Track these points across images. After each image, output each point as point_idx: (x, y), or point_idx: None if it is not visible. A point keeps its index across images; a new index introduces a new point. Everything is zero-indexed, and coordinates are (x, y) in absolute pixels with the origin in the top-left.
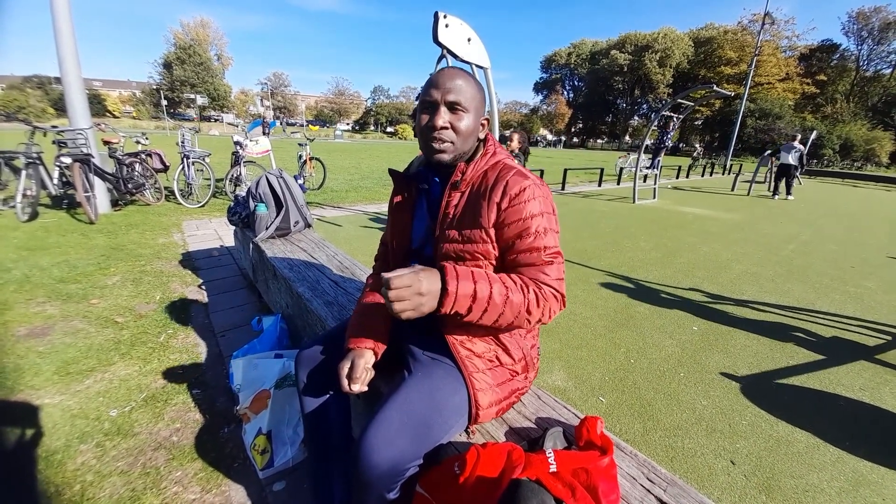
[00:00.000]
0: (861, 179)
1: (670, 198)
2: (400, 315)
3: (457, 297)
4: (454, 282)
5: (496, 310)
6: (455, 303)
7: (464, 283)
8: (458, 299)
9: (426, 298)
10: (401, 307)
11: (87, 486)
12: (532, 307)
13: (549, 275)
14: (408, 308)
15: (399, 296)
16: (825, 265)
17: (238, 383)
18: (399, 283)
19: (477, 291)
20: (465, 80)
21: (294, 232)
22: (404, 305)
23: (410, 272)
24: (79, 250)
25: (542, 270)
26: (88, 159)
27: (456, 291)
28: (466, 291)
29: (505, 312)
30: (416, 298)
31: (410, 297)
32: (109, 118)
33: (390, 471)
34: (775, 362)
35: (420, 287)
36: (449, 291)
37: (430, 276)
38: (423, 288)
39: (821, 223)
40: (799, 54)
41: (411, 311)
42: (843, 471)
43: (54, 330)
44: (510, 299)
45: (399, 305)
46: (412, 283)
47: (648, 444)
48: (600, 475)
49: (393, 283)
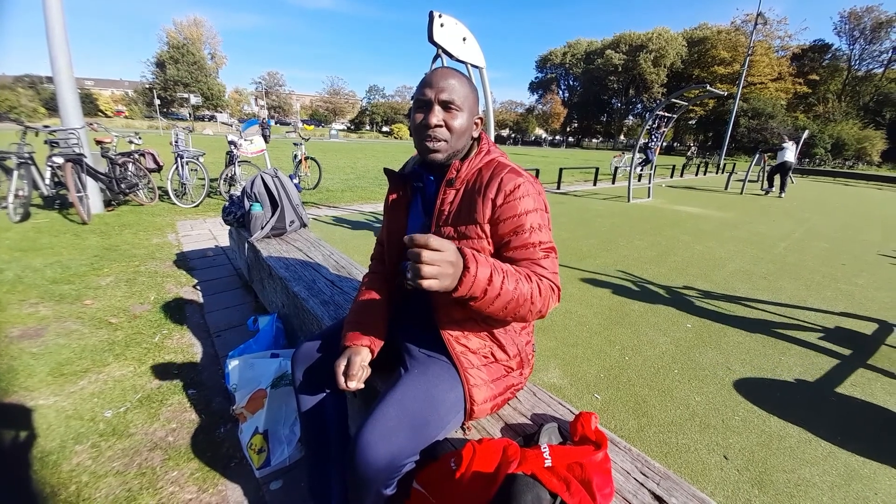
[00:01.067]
0: (853, 178)
1: (665, 197)
2: (423, 282)
3: (476, 279)
4: (474, 263)
5: (507, 296)
6: (473, 284)
7: (482, 267)
8: (477, 281)
9: (452, 271)
10: (431, 271)
11: (83, 486)
12: (536, 297)
13: (546, 268)
14: (435, 275)
15: (433, 259)
16: (817, 263)
17: (234, 383)
18: (438, 244)
19: (493, 276)
20: (458, 79)
21: (289, 231)
22: (434, 270)
23: (444, 240)
24: (72, 251)
25: (539, 264)
26: (81, 159)
27: (476, 273)
28: (484, 275)
29: (514, 300)
30: (445, 267)
31: (441, 264)
32: (102, 118)
33: (387, 467)
34: (768, 359)
35: (451, 257)
36: (470, 271)
37: (457, 251)
38: (454, 258)
39: (813, 221)
40: (791, 54)
41: (436, 280)
42: (834, 465)
43: (48, 331)
44: (519, 288)
45: (430, 269)
46: (446, 250)
47: (643, 440)
48: (594, 469)
49: (432, 243)
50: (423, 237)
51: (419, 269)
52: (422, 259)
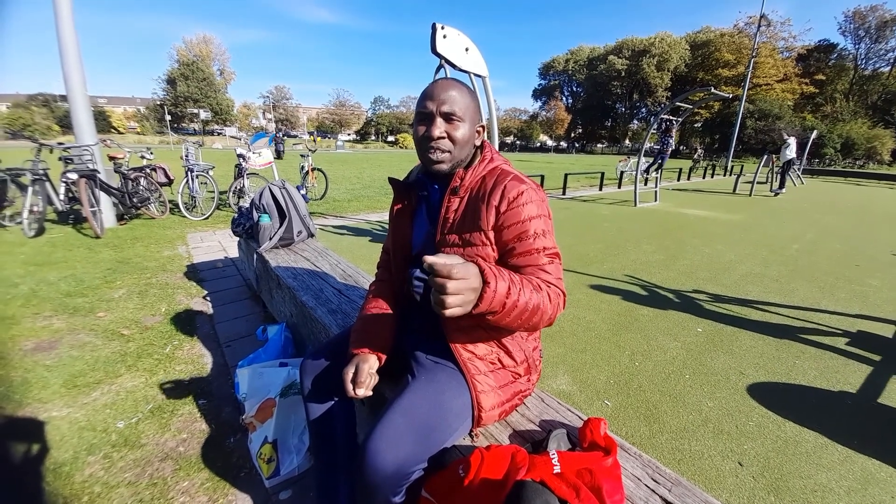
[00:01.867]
0: (863, 178)
1: (672, 200)
2: (447, 311)
3: (496, 294)
4: (493, 279)
5: (522, 307)
6: (494, 299)
7: (501, 282)
8: (497, 295)
9: (474, 297)
10: (455, 301)
11: (95, 497)
12: (546, 306)
13: (551, 273)
14: (459, 304)
15: (458, 288)
16: (830, 264)
17: (243, 392)
18: (462, 273)
19: (510, 289)
20: (458, 90)
21: (297, 242)
22: (458, 300)
23: (462, 265)
24: (85, 264)
25: (544, 269)
26: (94, 175)
27: (496, 288)
28: (503, 289)
29: (528, 311)
30: (468, 294)
31: (465, 293)
32: (115, 134)
33: (395, 474)
34: (781, 362)
35: (475, 282)
36: (490, 286)
37: (475, 271)
38: (476, 283)
39: (825, 222)
40: (796, 55)
41: (460, 307)
42: (851, 470)
43: (61, 343)
44: (532, 298)
45: (454, 299)
46: (469, 276)
47: (655, 446)
48: (604, 475)
49: (456, 272)
50: (445, 266)
51: (444, 300)
52: (447, 290)
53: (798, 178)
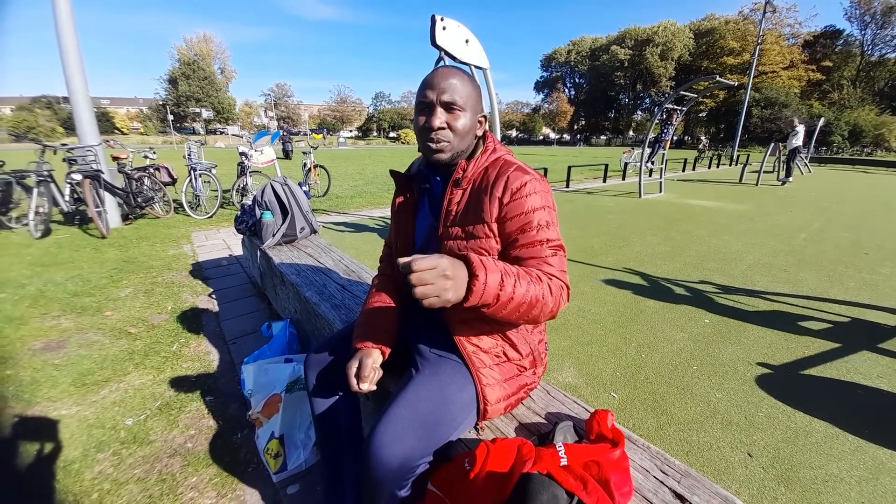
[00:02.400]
0: (871, 165)
1: (677, 191)
2: (423, 300)
3: (486, 286)
4: (482, 270)
5: (519, 300)
6: (484, 292)
7: (492, 274)
8: (488, 288)
9: (451, 283)
10: (424, 291)
11: (105, 494)
12: (548, 298)
13: (554, 266)
14: (431, 293)
15: (422, 279)
16: (838, 253)
17: (250, 389)
18: (421, 265)
19: (504, 280)
20: (459, 78)
21: (300, 238)
22: (427, 290)
23: (434, 256)
24: (91, 264)
25: (547, 261)
26: (98, 175)
27: (486, 280)
28: (495, 280)
29: (527, 303)
30: (440, 282)
31: (435, 281)
32: (118, 134)
33: (400, 468)
34: (790, 353)
35: (445, 270)
36: (479, 279)
37: (455, 262)
38: (449, 272)
39: (832, 211)
40: (802, 41)
41: (435, 296)
42: (862, 459)
43: (70, 342)
44: (531, 290)
45: (422, 290)
46: (436, 266)
47: (663, 438)
48: (612, 468)
49: (415, 265)
50: (402, 262)
51: (414, 291)
52: (412, 281)
53: (805, 166)
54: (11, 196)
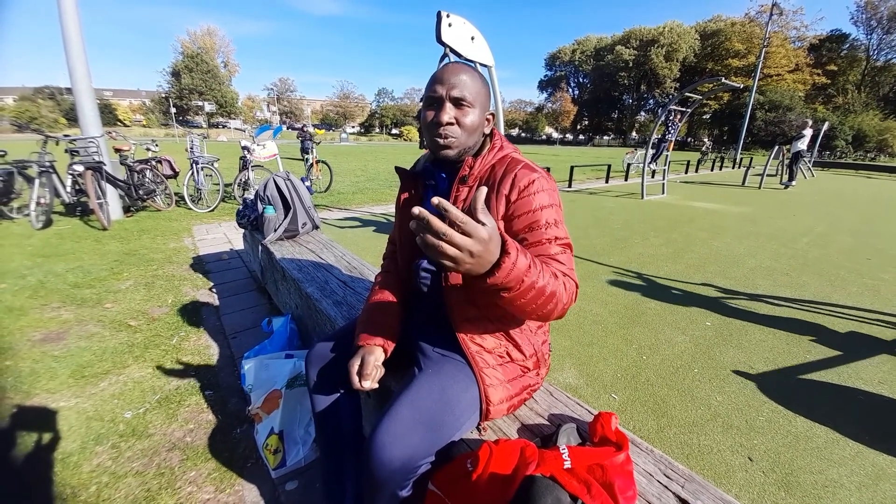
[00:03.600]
0: (875, 170)
1: (679, 193)
2: (446, 263)
3: (514, 267)
4: (515, 251)
5: (539, 291)
6: (511, 273)
7: (522, 256)
8: (515, 270)
9: (482, 249)
10: (446, 251)
11: (103, 487)
12: (563, 295)
13: (564, 263)
14: (463, 260)
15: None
16: (841, 258)
17: (250, 384)
18: (457, 216)
19: (531, 268)
20: (469, 74)
21: (302, 233)
22: (449, 251)
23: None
24: (92, 256)
25: (556, 259)
26: (100, 167)
27: (515, 261)
28: (523, 264)
29: (546, 297)
30: (477, 246)
31: (473, 246)
32: (120, 126)
33: (402, 468)
34: (792, 357)
35: (487, 244)
36: (510, 257)
37: (495, 231)
38: (492, 243)
39: (835, 215)
40: (808, 45)
41: (468, 264)
42: (862, 465)
43: (69, 334)
44: (551, 283)
45: (446, 249)
46: (481, 235)
47: (663, 441)
48: (616, 471)
49: (452, 214)
50: (438, 201)
51: (443, 249)
52: (454, 240)
53: (809, 170)
54: (13, 186)
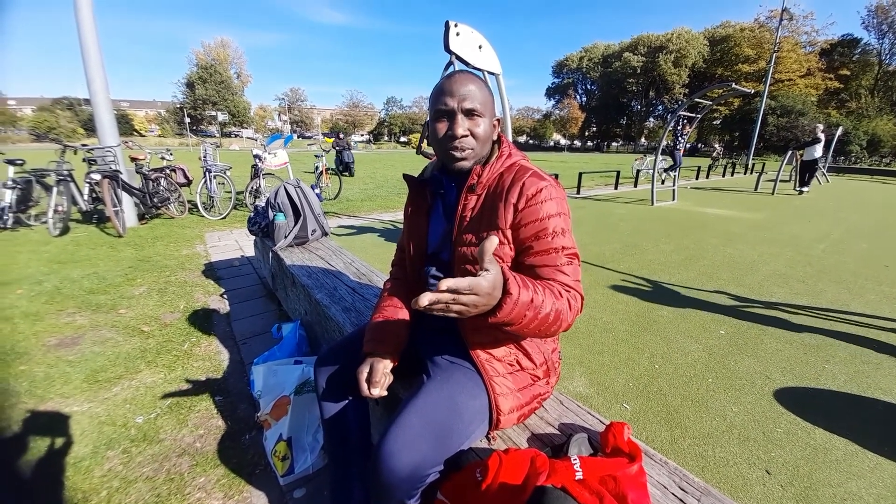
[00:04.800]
0: (890, 176)
1: (690, 199)
2: (449, 314)
3: (517, 304)
4: (516, 287)
5: (543, 319)
6: (514, 310)
7: (524, 291)
8: (518, 307)
9: (485, 301)
10: (459, 310)
11: (114, 492)
12: (566, 313)
13: (568, 275)
14: (464, 312)
15: (467, 303)
16: (858, 265)
17: (259, 390)
18: (461, 288)
19: (534, 299)
20: (476, 84)
21: (312, 240)
22: (462, 309)
23: (479, 279)
24: (107, 262)
25: (562, 270)
26: (117, 175)
27: (517, 299)
28: (526, 298)
29: (549, 322)
30: (476, 300)
31: (478, 306)
32: (136, 136)
33: (410, 476)
34: (809, 366)
35: (484, 288)
36: (511, 294)
37: (496, 281)
38: (488, 288)
39: (851, 221)
40: (819, 49)
41: (458, 314)
42: (881, 477)
43: (84, 339)
44: (553, 307)
45: (458, 309)
46: (480, 293)
47: (677, 452)
48: (629, 483)
49: (459, 288)
50: (456, 289)
51: (450, 309)
52: (451, 309)
53: (823, 175)
54: (31, 194)
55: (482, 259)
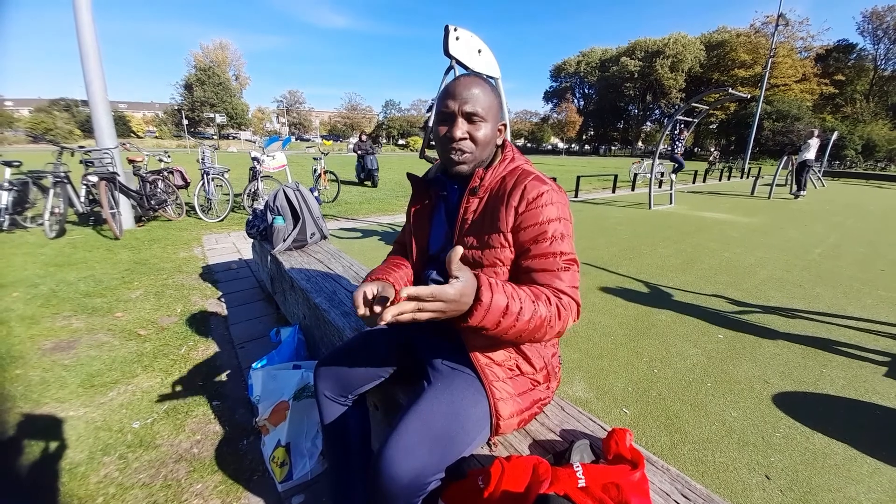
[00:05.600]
0: (886, 180)
1: (687, 203)
2: (419, 319)
3: (489, 311)
4: (488, 291)
5: (523, 327)
6: (486, 316)
7: (498, 295)
8: (490, 313)
9: (453, 307)
10: (423, 317)
11: (110, 498)
12: (555, 321)
13: (564, 281)
14: (426, 318)
15: (428, 308)
16: (854, 269)
17: (257, 395)
18: (424, 296)
19: (510, 305)
20: (481, 88)
21: (310, 243)
22: (427, 316)
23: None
24: (104, 265)
25: (558, 276)
26: (114, 177)
27: (490, 302)
28: (500, 304)
29: (531, 329)
30: (446, 307)
31: (444, 312)
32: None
33: (411, 484)
34: (808, 371)
35: (450, 295)
36: (482, 302)
37: (465, 290)
38: (454, 294)
39: (848, 225)
40: (815, 55)
41: (427, 319)
42: (880, 482)
43: (80, 343)
44: (538, 313)
45: (423, 315)
46: (446, 300)
47: (677, 457)
48: (632, 490)
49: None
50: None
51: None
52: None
53: (819, 180)
54: (28, 196)
55: (450, 267)
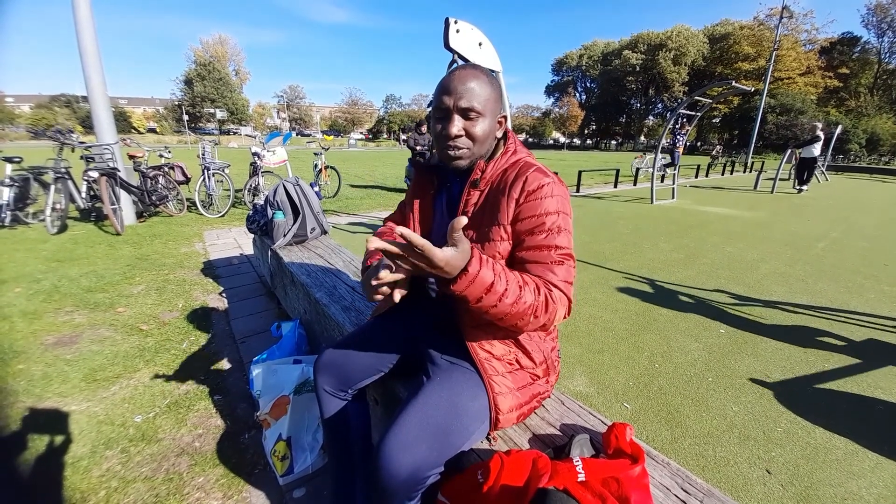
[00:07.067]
0: (890, 174)
1: (690, 197)
2: (406, 266)
3: (474, 281)
4: (477, 264)
5: (505, 307)
6: (470, 286)
7: (486, 271)
8: (475, 284)
9: (437, 270)
10: (405, 266)
11: (112, 492)
12: (540, 311)
13: (557, 275)
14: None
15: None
16: (858, 263)
17: (258, 389)
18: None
19: (495, 283)
20: (477, 81)
21: (311, 239)
22: (405, 265)
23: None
24: (106, 261)
25: (551, 269)
26: (115, 173)
27: (476, 275)
28: (485, 280)
29: (512, 312)
30: (430, 267)
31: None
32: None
33: (410, 478)
34: (809, 366)
35: (438, 259)
36: (469, 272)
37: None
38: (442, 260)
39: (850, 220)
40: (819, 48)
41: (412, 270)
42: (881, 477)
43: (82, 338)
44: (522, 299)
45: (406, 264)
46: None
47: (678, 452)
48: (632, 485)
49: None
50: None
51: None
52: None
53: (822, 174)
54: (29, 192)
55: (451, 236)
